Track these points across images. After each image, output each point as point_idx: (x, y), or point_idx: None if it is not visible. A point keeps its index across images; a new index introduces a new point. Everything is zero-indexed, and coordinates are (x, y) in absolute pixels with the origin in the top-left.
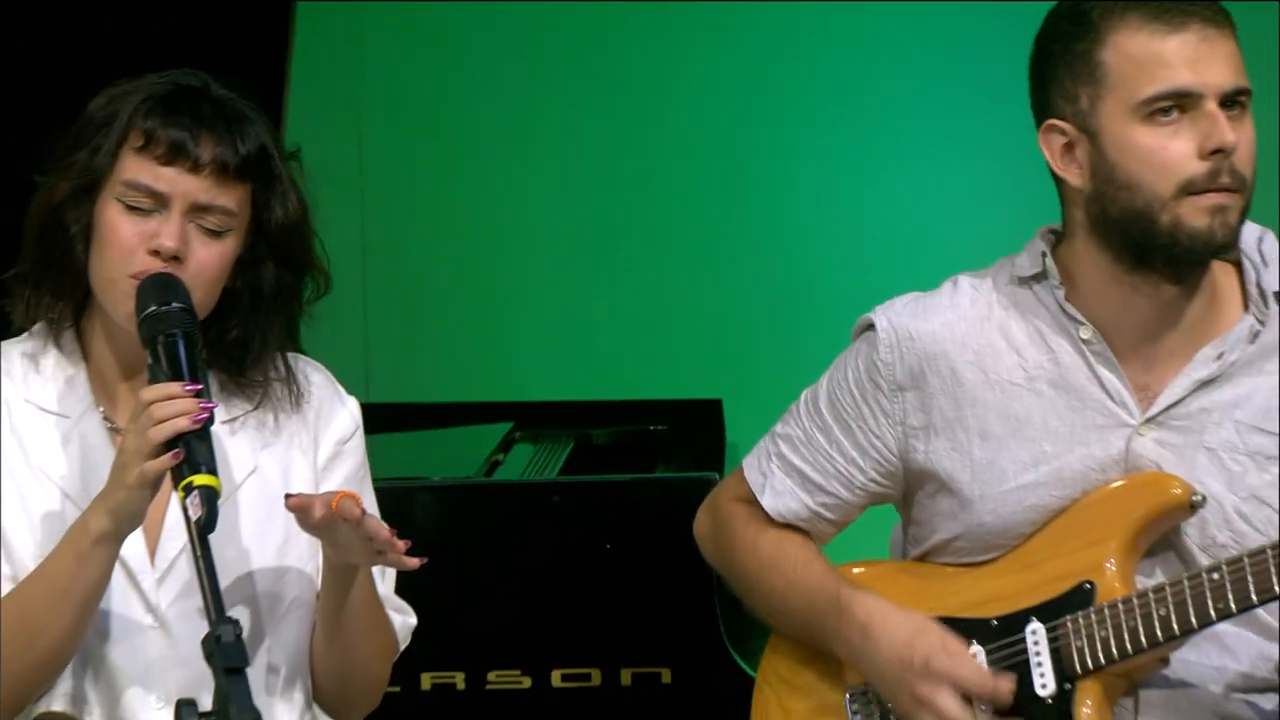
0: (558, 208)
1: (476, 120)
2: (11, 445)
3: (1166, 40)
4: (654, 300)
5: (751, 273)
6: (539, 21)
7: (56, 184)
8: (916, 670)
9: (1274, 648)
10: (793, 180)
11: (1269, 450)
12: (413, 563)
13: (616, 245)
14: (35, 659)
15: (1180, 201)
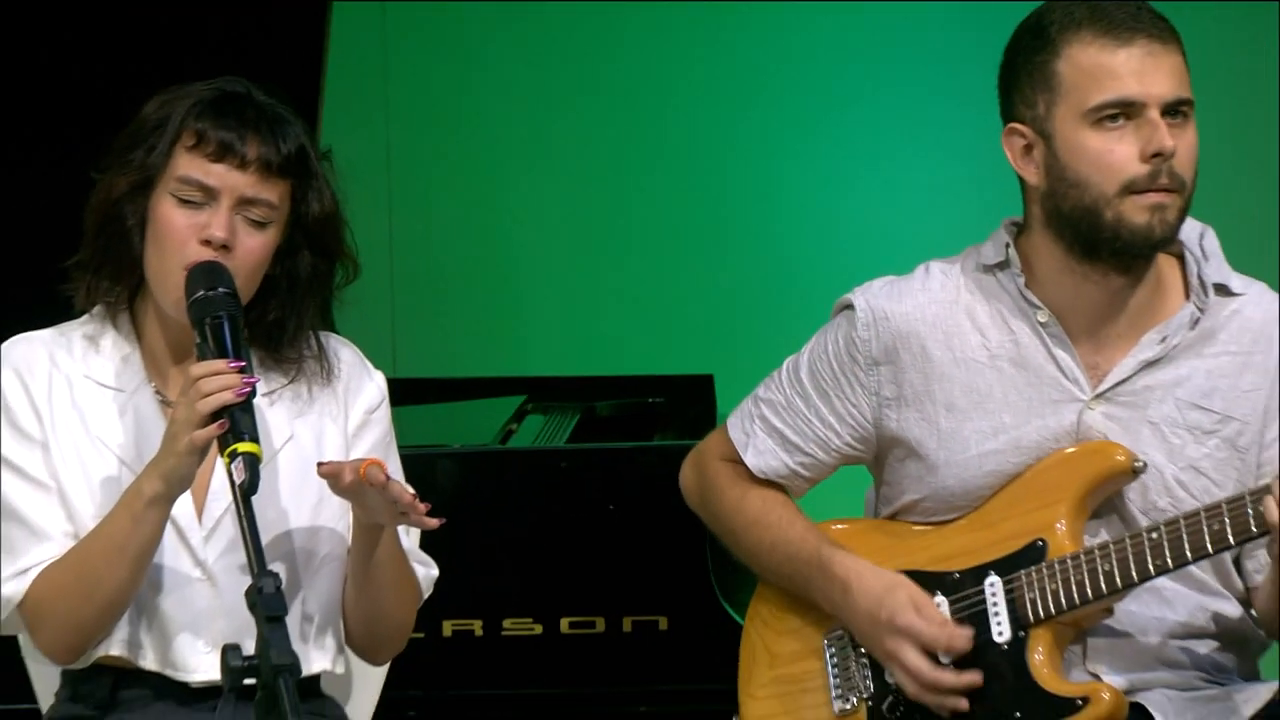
0: (567, 202)
1: (493, 122)
2: (73, 417)
3: (1115, 54)
4: (652, 286)
5: (740, 261)
6: (549, 33)
7: (114, 180)
8: (885, 626)
9: (1208, 600)
10: (778, 177)
11: (1206, 425)
12: (432, 523)
13: (619, 236)
14: (94, 609)
15: (1123, 200)
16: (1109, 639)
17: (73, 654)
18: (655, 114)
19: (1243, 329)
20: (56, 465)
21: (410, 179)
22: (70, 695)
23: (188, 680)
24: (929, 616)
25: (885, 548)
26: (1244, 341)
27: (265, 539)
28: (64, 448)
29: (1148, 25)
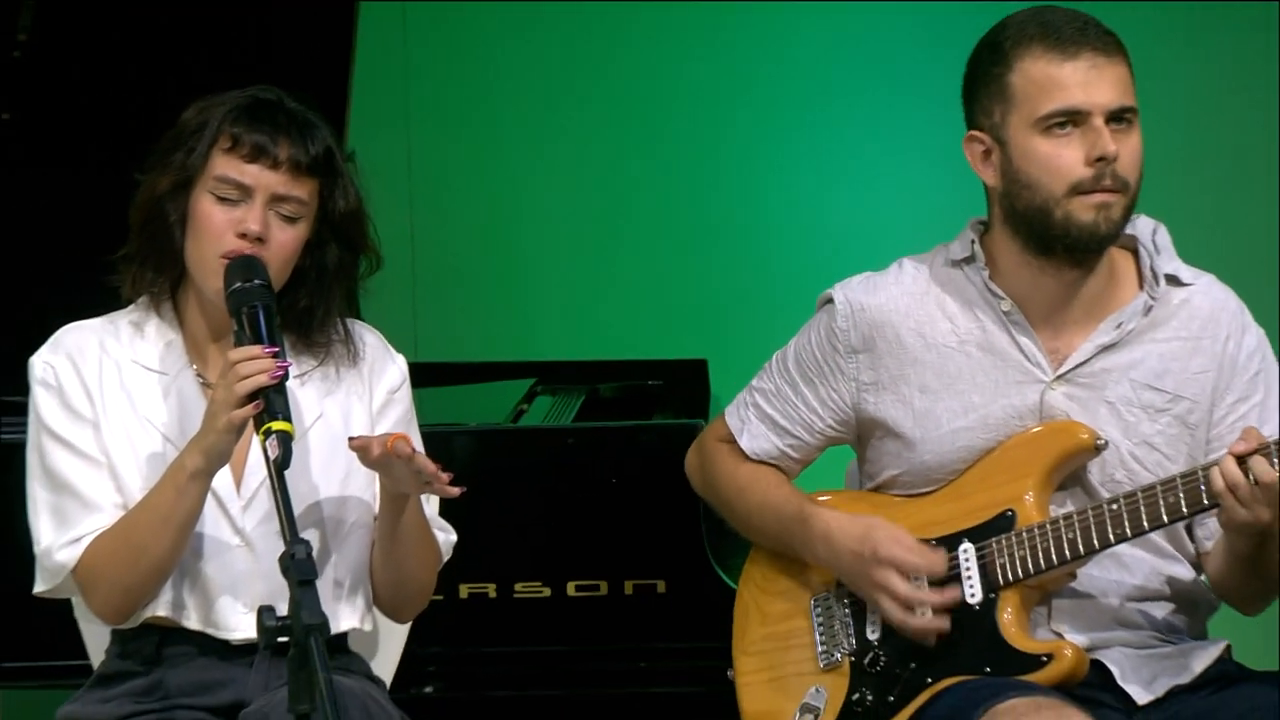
0: (572, 200)
1: (503, 126)
2: (121, 398)
3: (1062, 66)
4: (650, 278)
5: (731, 256)
6: (553, 44)
7: (157, 180)
8: (868, 560)
9: (1163, 564)
10: (765, 180)
11: (1159, 404)
12: (454, 491)
13: (620, 233)
14: (141, 574)
15: (1071, 200)
16: (1072, 600)
17: (121, 615)
18: (653, 119)
19: (1192, 316)
20: (106, 442)
21: (429, 179)
22: (120, 653)
23: (228, 638)
24: (908, 545)
25: (870, 513)
26: (1193, 327)
27: (298, 508)
28: (113, 426)
29: (1093, 39)
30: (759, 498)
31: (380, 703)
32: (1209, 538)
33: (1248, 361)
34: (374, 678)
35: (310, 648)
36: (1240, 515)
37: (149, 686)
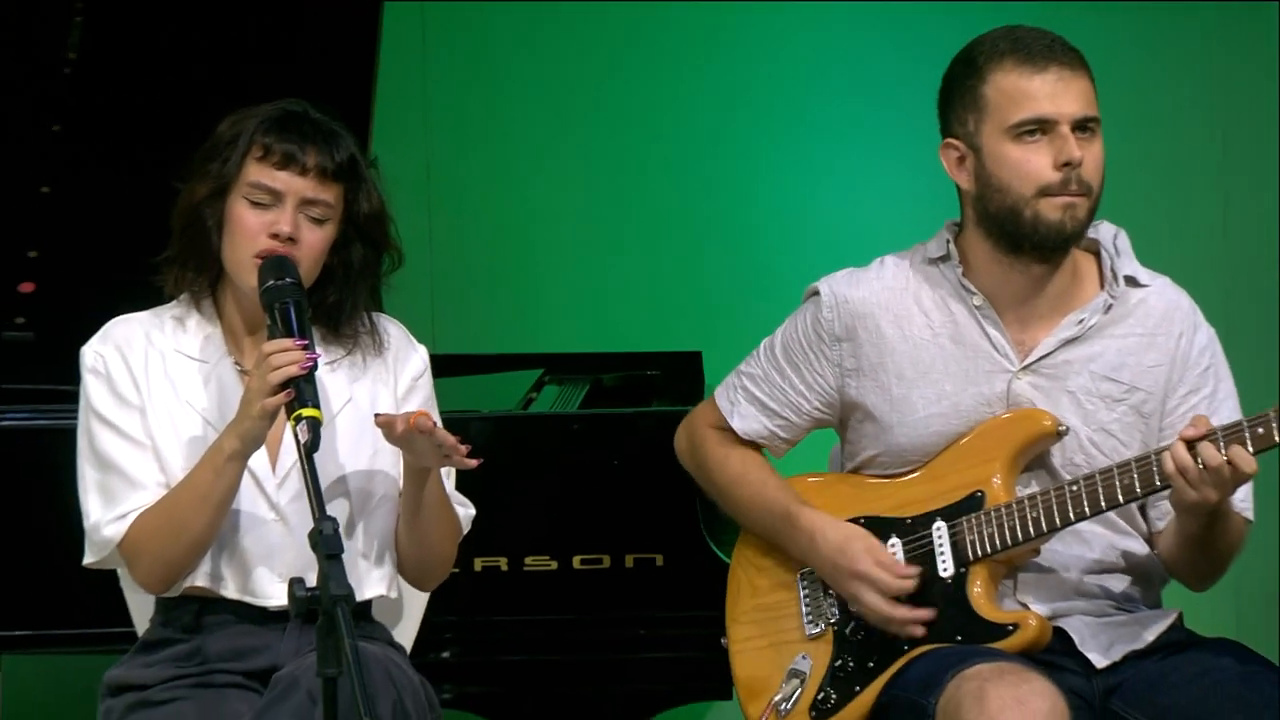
0: (577, 204)
1: (514, 139)
2: (165, 385)
3: (1031, 79)
4: (649, 276)
5: (724, 255)
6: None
7: (195, 188)
8: (845, 572)
9: (1119, 540)
10: (757, 183)
11: (1116, 395)
12: (471, 463)
13: (622, 234)
14: (181, 548)
15: (1039, 201)
16: (1036, 574)
17: (164, 585)
18: (651, 131)
19: (1148, 314)
20: (151, 426)
21: (447, 185)
22: (163, 620)
23: (264, 605)
24: (883, 563)
25: (849, 497)
26: (1149, 325)
27: (328, 484)
28: (158, 411)
29: (1060, 55)
30: (749, 492)
31: (401, 667)
32: (1161, 519)
33: (1199, 357)
34: (395, 644)
35: (337, 616)
36: (1190, 496)
37: (189, 652)
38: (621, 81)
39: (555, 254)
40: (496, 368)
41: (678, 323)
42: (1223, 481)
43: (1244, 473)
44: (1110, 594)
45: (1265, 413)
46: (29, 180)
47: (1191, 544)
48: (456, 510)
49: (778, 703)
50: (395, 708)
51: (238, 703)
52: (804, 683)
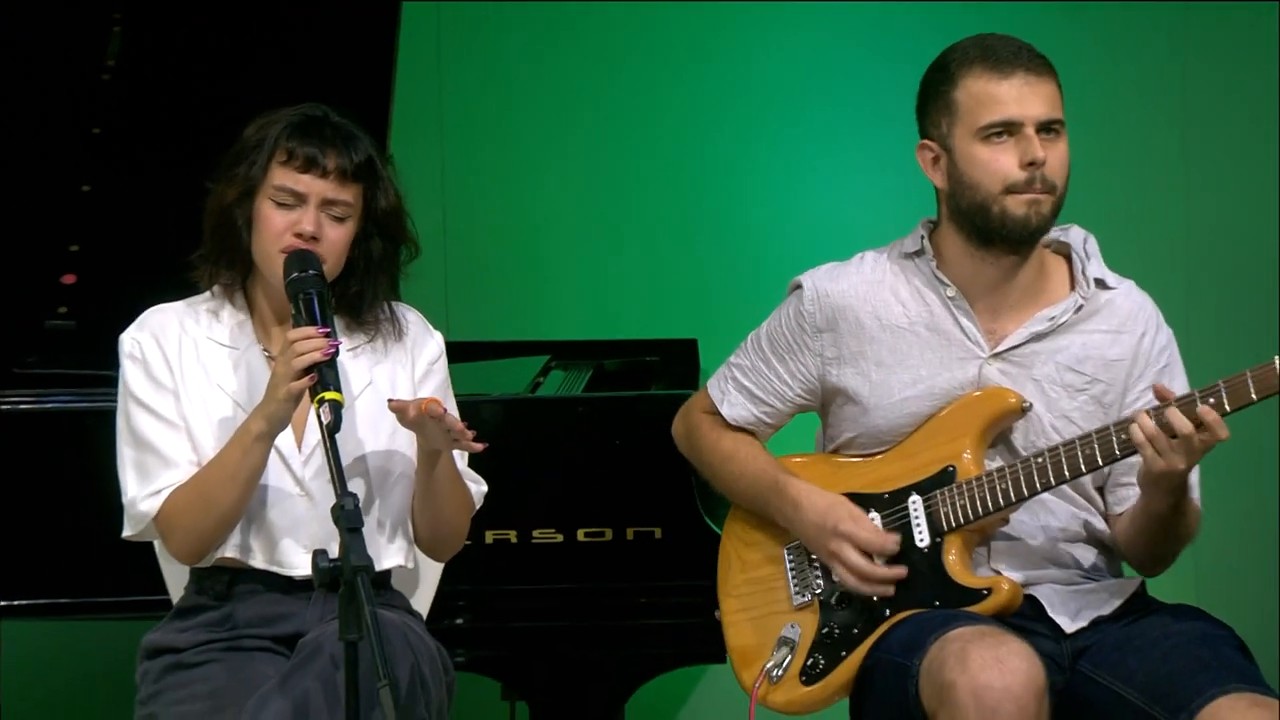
0: (581, 201)
1: (523, 140)
2: (198, 370)
3: (999, 84)
4: (649, 269)
5: (718, 249)
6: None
7: (225, 190)
8: (829, 533)
9: (1080, 511)
10: (747, 183)
11: (1078, 385)
12: (477, 447)
13: (623, 229)
14: (211, 522)
15: (1006, 198)
16: (1007, 542)
17: (196, 557)
18: (649, 134)
19: (1113, 314)
20: (184, 408)
21: (460, 182)
22: (196, 589)
23: (290, 574)
24: (864, 525)
25: (831, 474)
26: (1114, 323)
27: (349, 462)
28: (191, 394)
29: (1026, 61)
30: (739, 467)
31: (418, 632)
32: (1119, 504)
33: (1159, 356)
34: (413, 611)
35: (358, 585)
36: (1159, 465)
37: (221, 618)
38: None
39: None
40: (506, 354)
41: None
42: (1192, 449)
43: (1216, 437)
44: (1077, 562)
45: (1214, 384)
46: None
47: (1156, 524)
48: (469, 486)
49: (769, 669)
50: (412, 671)
51: (265, 665)
52: (793, 650)
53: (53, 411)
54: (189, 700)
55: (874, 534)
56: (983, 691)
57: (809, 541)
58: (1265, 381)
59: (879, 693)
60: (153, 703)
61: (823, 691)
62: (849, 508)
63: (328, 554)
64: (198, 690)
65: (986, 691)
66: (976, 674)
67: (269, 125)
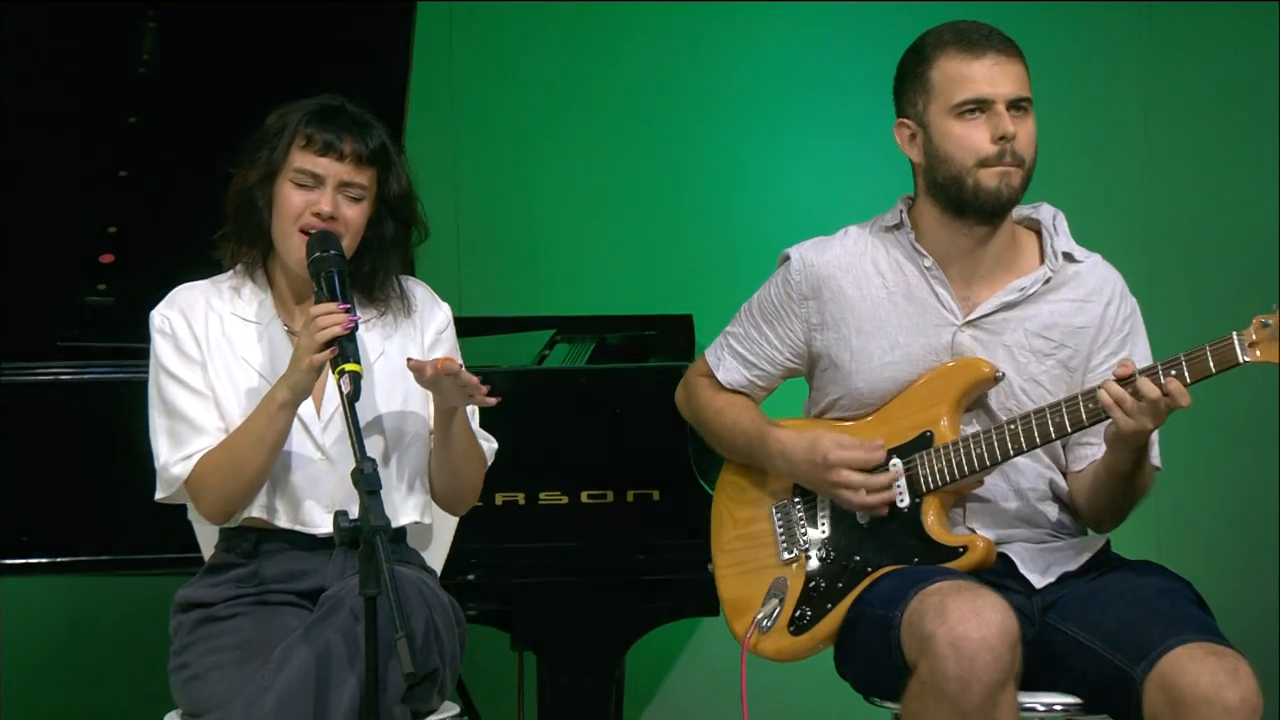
0: (585, 184)
1: (530, 126)
2: (224, 344)
3: (972, 64)
4: (648, 249)
5: (712, 231)
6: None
7: (247, 173)
8: (821, 465)
9: (1049, 473)
10: (739, 167)
11: (1045, 350)
12: (491, 401)
13: (624, 212)
14: (239, 485)
15: (979, 170)
16: (980, 502)
17: (224, 517)
18: (649, 122)
19: (1081, 284)
20: (212, 379)
21: (471, 165)
22: (225, 547)
23: (313, 534)
24: (848, 446)
25: None
26: (1080, 294)
27: (365, 427)
28: (217, 366)
29: (996, 43)
30: (730, 420)
31: (432, 587)
32: (1078, 462)
33: (1122, 325)
34: (427, 567)
35: (376, 544)
36: (1129, 425)
37: (248, 575)
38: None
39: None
40: (515, 328)
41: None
42: (1158, 412)
43: (1179, 404)
44: (1046, 522)
45: (1177, 356)
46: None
47: (1116, 479)
48: (482, 444)
49: (760, 620)
50: (427, 623)
51: (290, 618)
52: (782, 602)
53: (91, 381)
54: (219, 650)
55: (860, 448)
56: (960, 641)
57: (804, 480)
58: (1223, 356)
59: (862, 642)
60: (186, 653)
61: (809, 641)
62: (829, 437)
63: (348, 514)
64: (227, 641)
65: (964, 641)
66: (955, 625)
67: (290, 113)
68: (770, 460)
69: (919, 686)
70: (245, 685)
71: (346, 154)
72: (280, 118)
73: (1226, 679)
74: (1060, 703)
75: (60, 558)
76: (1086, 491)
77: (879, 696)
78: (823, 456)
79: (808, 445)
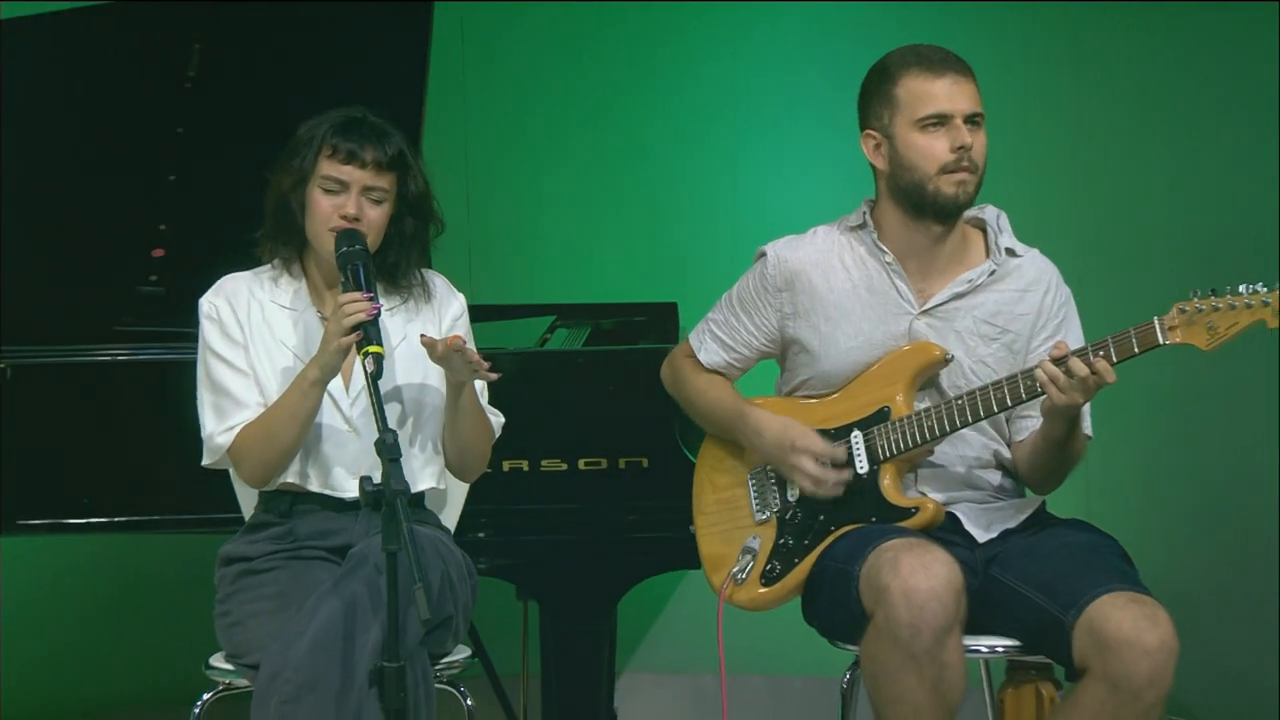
0: (584, 185)
1: (534, 129)
2: (264, 327)
3: (934, 83)
4: (639, 244)
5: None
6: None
7: (282, 180)
8: (788, 449)
9: (992, 443)
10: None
11: (991, 335)
12: (493, 376)
13: (617, 210)
14: (275, 454)
15: (939, 177)
16: (931, 469)
17: (263, 482)
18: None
19: (1021, 276)
20: (253, 359)
21: (482, 168)
22: (263, 509)
23: (341, 497)
24: (813, 439)
25: (788, 413)
26: (1021, 284)
27: (389, 402)
28: (258, 347)
29: (954, 65)
30: (713, 398)
31: (447, 544)
32: (1020, 433)
33: (1058, 311)
34: (442, 527)
35: (397, 505)
36: (1061, 400)
37: (284, 533)
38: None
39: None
40: (519, 314)
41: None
42: (1088, 388)
43: (1106, 381)
44: (989, 486)
45: (1104, 339)
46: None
47: (1052, 446)
48: (490, 418)
49: (735, 573)
50: (442, 576)
51: (321, 572)
52: (754, 558)
53: (145, 362)
54: (258, 600)
55: (823, 444)
56: (911, 592)
57: (771, 459)
58: (1145, 338)
59: (826, 593)
60: (228, 602)
61: (779, 592)
62: (799, 427)
63: (372, 479)
64: (266, 592)
65: (915, 592)
66: (907, 578)
67: (317, 126)
68: (745, 435)
69: (876, 632)
70: (281, 631)
71: (368, 162)
72: (309, 130)
73: (1146, 624)
74: (1001, 645)
75: (118, 518)
76: (1027, 458)
77: (841, 640)
78: (790, 441)
79: (780, 428)
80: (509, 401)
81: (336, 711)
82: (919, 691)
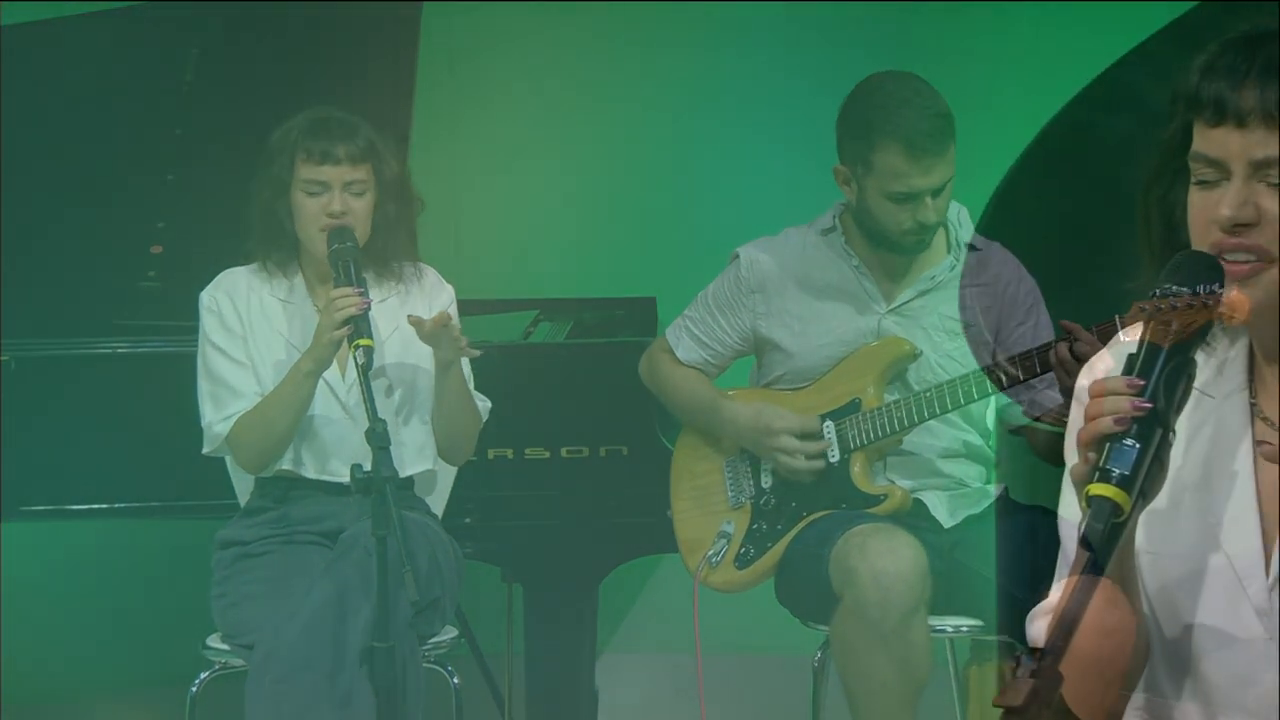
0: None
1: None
2: (262, 320)
3: (911, 165)
4: (619, 239)
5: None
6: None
7: (262, 190)
8: (763, 431)
9: (960, 434)
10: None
11: (956, 330)
12: (474, 353)
13: (600, 209)
14: (270, 441)
15: (900, 235)
16: (900, 458)
17: (260, 468)
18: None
19: (983, 270)
20: (250, 350)
21: (469, 166)
22: (259, 493)
23: (336, 481)
24: (787, 417)
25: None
26: (984, 278)
27: (382, 389)
28: (255, 339)
29: (934, 145)
30: (687, 392)
31: (434, 529)
32: (1034, 409)
33: (1024, 300)
34: (431, 513)
35: (386, 491)
36: (1069, 383)
37: (279, 517)
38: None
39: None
40: (505, 309)
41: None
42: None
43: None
44: (955, 473)
45: (1112, 319)
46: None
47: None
48: (476, 403)
49: (710, 557)
50: (430, 559)
51: (314, 555)
52: (729, 541)
53: (144, 355)
54: (254, 583)
55: (799, 421)
56: (880, 575)
57: (750, 445)
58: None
59: (798, 575)
60: (225, 584)
61: (752, 574)
62: (772, 408)
63: (363, 467)
64: (260, 575)
65: (882, 575)
66: (875, 561)
67: (287, 133)
68: (720, 425)
69: (845, 612)
70: (276, 612)
71: (343, 158)
72: (279, 137)
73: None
74: (966, 624)
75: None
76: None
77: (813, 620)
78: (765, 424)
79: (753, 413)
80: (494, 392)
81: (328, 690)
82: (887, 669)
